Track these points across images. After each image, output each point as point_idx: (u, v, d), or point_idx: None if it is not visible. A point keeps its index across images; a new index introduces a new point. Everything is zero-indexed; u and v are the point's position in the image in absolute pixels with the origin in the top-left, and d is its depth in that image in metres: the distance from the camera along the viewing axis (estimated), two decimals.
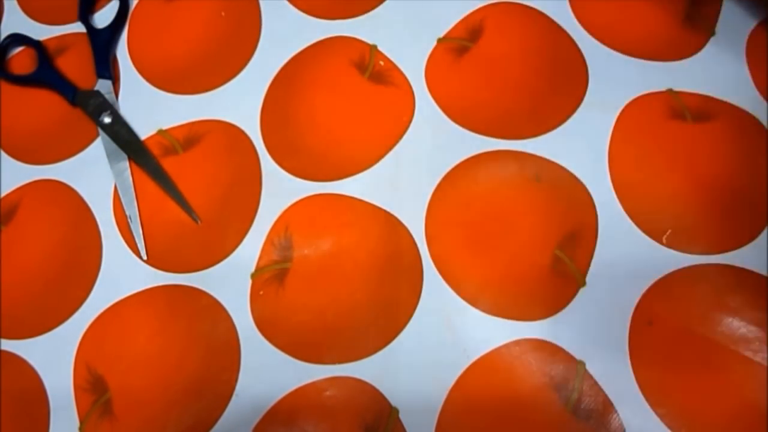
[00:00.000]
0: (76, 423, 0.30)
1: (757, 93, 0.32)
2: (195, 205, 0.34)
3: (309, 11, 0.37)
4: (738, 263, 0.29)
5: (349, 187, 0.33)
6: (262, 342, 0.31)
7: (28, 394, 0.31)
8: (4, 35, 0.38)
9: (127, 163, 0.35)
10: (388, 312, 0.30)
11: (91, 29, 0.38)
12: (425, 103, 0.34)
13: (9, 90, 0.38)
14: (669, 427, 0.27)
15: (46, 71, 0.37)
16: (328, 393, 0.29)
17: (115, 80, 0.37)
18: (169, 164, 0.35)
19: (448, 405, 0.28)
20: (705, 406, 0.27)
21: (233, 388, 0.30)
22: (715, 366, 0.28)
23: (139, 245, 0.33)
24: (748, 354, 0.28)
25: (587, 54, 0.34)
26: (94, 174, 0.35)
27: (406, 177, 0.33)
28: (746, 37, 0.33)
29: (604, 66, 0.33)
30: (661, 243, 0.30)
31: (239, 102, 0.35)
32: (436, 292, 0.30)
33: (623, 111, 0.32)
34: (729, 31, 0.33)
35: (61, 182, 0.35)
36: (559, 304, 0.29)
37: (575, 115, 0.33)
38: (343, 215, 0.32)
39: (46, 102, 0.37)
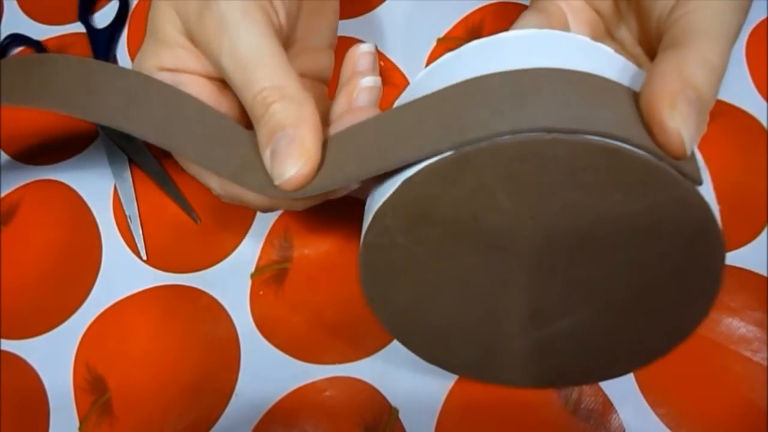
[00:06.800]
0: (76, 423, 0.30)
1: (757, 93, 0.32)
2: (195, 205, 0.34)
3: None
4: (738, 263, 0.29)
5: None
6: (261, 342, 0.31)
7: (28, 394, 0.31)
8: (4, 35, 0.38)
9: (127, 163, 0.35)
10: None
11: (91, 29, 0.38)
12: None
13: None
14: (669, 427, 0.27)
15: None
16: (328, 393, 0.29)
17: None
18: (169, 164, 0.35)
19: (448, 405, 0.28)
20: (705, 406, 0.27)
21: (233, 388, 0.30)
22: (715, 366, 0.28)
23: (139, 245, 0.33)
24: (748, 354, 0.28)
25: None
26: (94, 174, 0.35)
27: None
28: (746, 37, 0.33)
29: None
30: None
31: None
32: None
33: None
34: None
35: (61, 182, 0.35)
36: None
37: None
38: (343, 215, 0.32)
39: None
